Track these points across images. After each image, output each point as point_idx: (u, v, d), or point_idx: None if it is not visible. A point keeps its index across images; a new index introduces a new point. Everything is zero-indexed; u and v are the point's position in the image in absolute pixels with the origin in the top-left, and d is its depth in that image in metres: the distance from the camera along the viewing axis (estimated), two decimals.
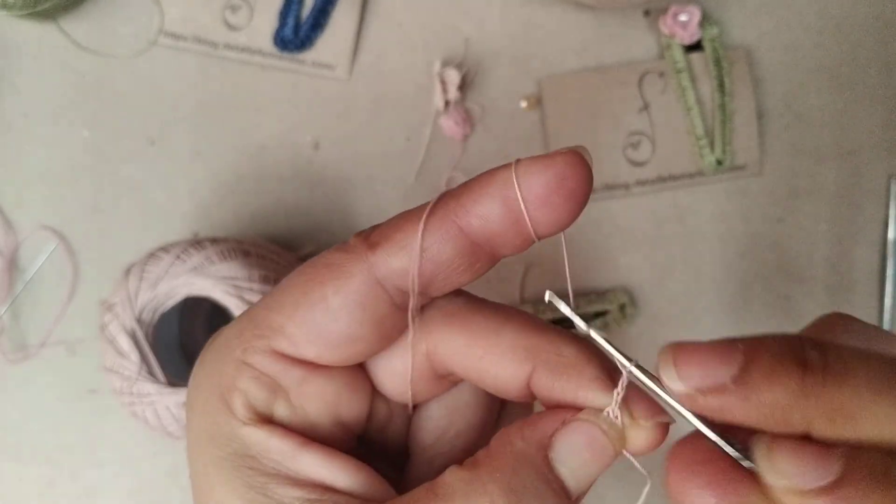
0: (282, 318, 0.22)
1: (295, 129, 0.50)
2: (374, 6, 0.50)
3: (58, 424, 0.50)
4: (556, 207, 0.20)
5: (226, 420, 0.22)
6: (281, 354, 0.22)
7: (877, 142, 0.51)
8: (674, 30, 0.49)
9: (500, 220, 0.21)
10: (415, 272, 0.21)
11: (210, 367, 0.23)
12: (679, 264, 0.51)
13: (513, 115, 0.50)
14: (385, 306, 0.22)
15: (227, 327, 0.23)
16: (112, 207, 0.50)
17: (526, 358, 0.22)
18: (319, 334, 0.22)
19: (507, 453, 0.21)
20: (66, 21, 0.49)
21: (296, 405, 0.22)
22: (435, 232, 0.21)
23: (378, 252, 0.21)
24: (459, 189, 0.21)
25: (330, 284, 0.21)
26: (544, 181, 0.20)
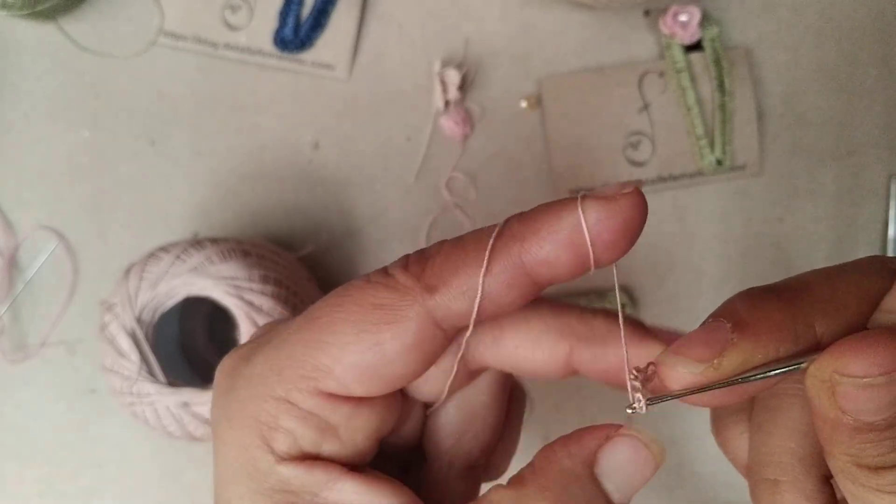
0: (328, 360, 0.21)
1: (295, 129, 0.50)
2: (374, 6, 0.50)
3: (58, 424, 0.50)
4: (621, 247, 0.21)
5: (263, 456, 0.21)
6: (328, 394, 0.22)
7: (877, 142, 0.51)
8: (674, 30, 0.49)
9: (566, 264, 0.21)
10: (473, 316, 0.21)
11: (244, 402, 0.22)
12: (679, 264, 0.51)
13: (513, 115, 0.50)
14: (439, 343, 0.22)
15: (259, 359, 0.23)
16: (112, 207, 0.50)
17: (560, 338, 0.23)
18: (372, 376, 0.21)
19: (554, 471, 0.21)
20: (66, 21, 0.49)
21: (345, 440, 0.22)
22: (498, 276, 0.21)
23: (437, 297, 0.21)
24: (521, 227, 0.21)
25: (385, 330, 0.21)
26: (612, 227, 0.20)
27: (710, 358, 0.20)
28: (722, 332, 0.20)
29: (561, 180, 0.50)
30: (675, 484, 0.51)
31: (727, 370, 0.20)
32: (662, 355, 0.20)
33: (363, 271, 0.50)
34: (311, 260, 0.50)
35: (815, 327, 0.20)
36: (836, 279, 0.21)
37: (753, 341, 0.19)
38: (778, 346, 0.20)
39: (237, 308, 0.40)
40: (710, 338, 0.20)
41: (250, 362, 0.23)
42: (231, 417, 0.22)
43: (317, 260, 0.50)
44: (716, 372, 0.20)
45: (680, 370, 0.20)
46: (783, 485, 0.22)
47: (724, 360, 0.19)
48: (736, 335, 0.19)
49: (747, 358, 0.19)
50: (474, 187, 0.50)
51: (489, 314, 0.21)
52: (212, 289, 0.40)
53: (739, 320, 0.20)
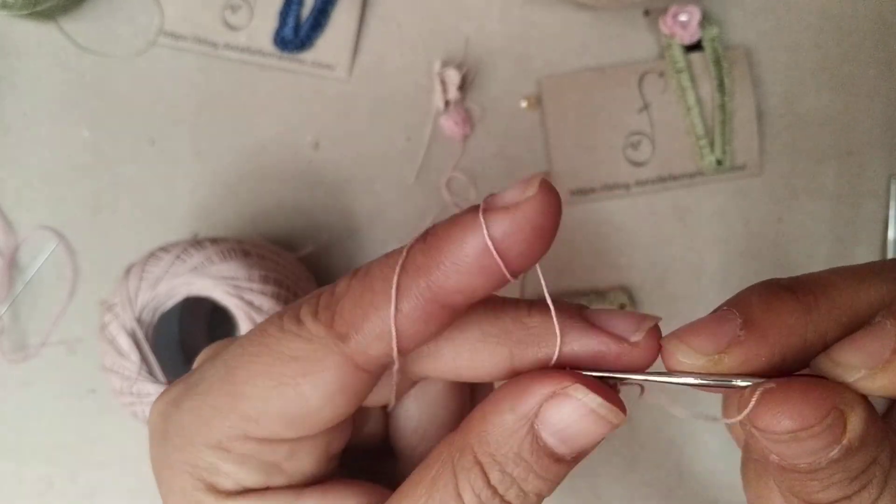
0: (252, 412, 0.21)
1: (295, 129, 0.50)
2: (374, 6, 0.50)
3: (58, 424, 0.50)
4: (534, 252, 0.19)
5: (209, 499, 0.21)
6: (262, 439, 0.21)
7: (877, 142, 0.51)
8: (674, 30, 0.49)
9: (479, 285, 0.19)
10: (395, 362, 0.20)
11: (180, 450, 0.22)
12: (679, 264, 0.51)
13: (513, 115, 0.50)
14: (363, 383, 0.21)
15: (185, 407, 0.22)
16: (112, 207, 0.50)
17: (497, 344, 0.22)
18: (300, 424, 0.21)
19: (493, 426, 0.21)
20: (66, 21, 0.49)
21: (291, 471, 0.22)
22: (412, 314, 0.20)
23: (351, 343, 0.20)
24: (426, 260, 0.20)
25: (305, 381, 0.20)
26: (521, 239, 0.19)
27: (713, 351, 0.19)
28: (731, 325, 0.19)
29: (561, 180, 0.50)
30: (675, 484, 0.51)
31: (726, 367, 0.19)
32: (667, 339, 0.20)
33: None
34: (311, 260, 0.49)
35: (827, 336, 0.19)
36: (862, 284, 0.20)
37: (760, 342, 0.19)
38: (784, 353, 0.19)
39: (237, 308, 0.40)
40: (718, 330, 0.19)
41: (179, 408, 0.22)
42: (171, 465, 0.22)
43: (317, 260, 0.50)
44: (715, 367, 0.19)
45: (680, 359, 0.20)
46: None
47: (727, 356, 0.19)
48: (744, 332, 0.19)
49: (749, 359, 0.19)
50: (474, 187, 0.50)
51: (412, 348, 0.21)
52: (212, 289, 0.40)
53: (751, 317, 0.19)
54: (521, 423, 0.20)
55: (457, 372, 0.23)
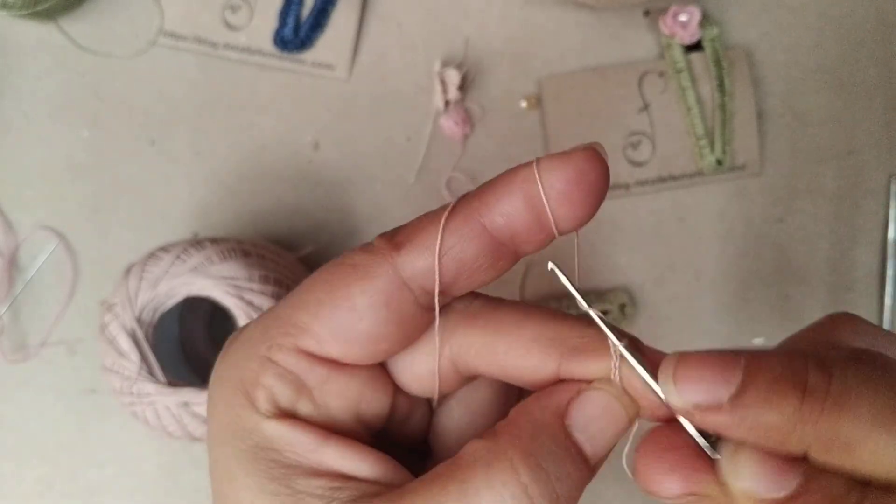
0: (307, 317, 0.22)
1: (295, 129, 0.50)
2: (374, 6, 0.50)
3: (58, 424, 0.50)
4: (577, 202, 0.21)
5: (248, 414, 0.22)
6: (306, 353, 0.22)
7: (877, 142, 0.51)
8: (674, 30, 0.49)
9: (523, 216, 0.21)
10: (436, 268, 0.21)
11: (233, 362, 0.23)
12: (679, 264, 0.51)
13: (513, 115, 0.50)
14: (409, 306, 0.22)
15: (252, 324, 0.24)
16: (112, 207, 0.50)
17: (551, 347, 0.22)
18: (345, 333, 0.22)
19: (524, 422, 0.21)
20: (66, 21, 0.49)
21: (319, 402, 0.22)
22: (459, 231, 0.21)
23: (402, 253, 0.21)
24: (481, 188, 0.22)
25: (355, 285, 0.22)
26: (565, 177, 0.20)
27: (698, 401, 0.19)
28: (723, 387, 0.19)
29: None
30: None
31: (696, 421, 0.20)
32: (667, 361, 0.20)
33: None
34: (311, 260, 0.49)
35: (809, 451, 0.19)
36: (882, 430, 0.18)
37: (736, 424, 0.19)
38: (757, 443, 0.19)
39: (237, 308, 0.40)
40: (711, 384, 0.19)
41: (246, 328, 0.24)
42: (221, 378, 0.23)
43: (317, 260, 0.50)
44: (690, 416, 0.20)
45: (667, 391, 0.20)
46: None
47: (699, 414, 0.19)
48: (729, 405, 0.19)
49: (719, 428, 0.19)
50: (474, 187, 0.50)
51: (455, 273, 0.21)
52: (212, 289, 0.40)
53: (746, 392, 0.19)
54: (553, 419, 0.21)
55: (505, 370, 0.23)
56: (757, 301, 0.52)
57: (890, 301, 0.52)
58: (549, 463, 0.20)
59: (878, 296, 0.52)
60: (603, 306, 0.50)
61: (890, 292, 0.52)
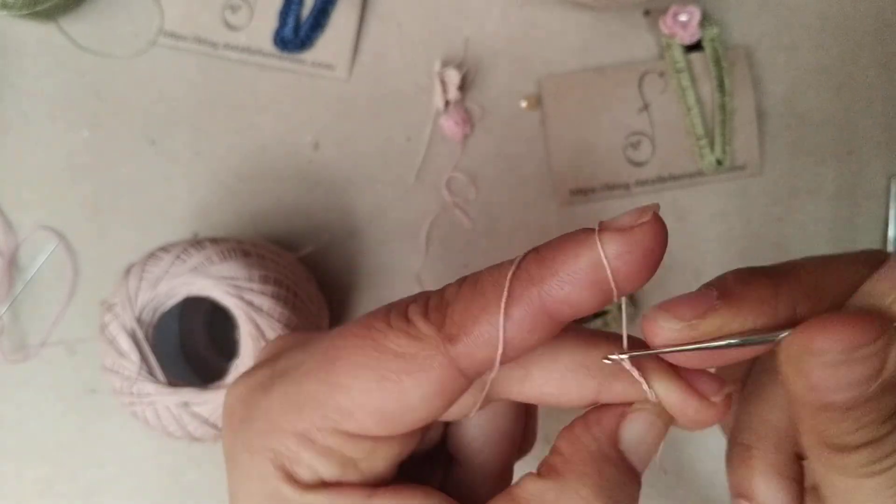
0: (349, 404, 0.21)
1: (295, 129, 0.50)
2: (374, 6, 0.50)
3: (58, 424, 0.50)
4: (643, 277, 0.21)
5: (286, 488, 0.22)
6: (350, 434, 0.22)
7: (877, 142, 0.51)
8: (674, 30, 0.49)
9: (588, 301, 0.20)
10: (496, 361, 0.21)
11: (264, 434, 0.22)
12: (679, 264, 0.51)
13: (513, 115, 0.50)
14: (462, 388, 0.21)
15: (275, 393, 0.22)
16: (112, 207, 0.50)
17: (587, 376, 0.23)
18: (393, 421, 0.21)
19: (584, 457, 0.22)
20: (66, 21, 0.49)
21: (365, 470, 0.22)
22: (520, 322, 0.20)
23: (459, 346, 0.20)
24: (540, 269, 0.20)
25: (407, 378, 0.21)
26: (632, 260, 0.20)
27: (691, 318, 0.21)
28: (708, 297, 0.21)
29: (561, 180, 0.50)
30: (675, 484, 0.51)
31: (704, 332, 0.21)
32: (650, 310, 0.21)
33: (363, 271, 0.50)
34: (311, 260, 0.49)
35: (796, 308, 0.21)
36: (828, 267, 0.22)
37: (734, 309, 0.21)
38: (756, 318, 0.21)
39: (237, 308, 0.40)
40: (696, 301, 0.21)
41: (268, 394, 0.23)
42: (252, 449, 0.22)
43: (317, 260, 0.50)
44: (693, 332, 0.21)
45: (661, 325, 0.21)
46: (754, 451, 0.24)
47: (703, 322, 0.21)
48: (720, 302, 0.21)
49: (725, 323, 0.21)
50: (474, 187, 0.50)
51: (513, 357, 0.21)
52: (212, 289, 0.40)
53: (725, 290, 0.21)
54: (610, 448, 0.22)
55: (542, 397, 0.23)
56: None
57: None
58: (618, 492, 0.21)
59: None
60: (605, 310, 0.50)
61: None
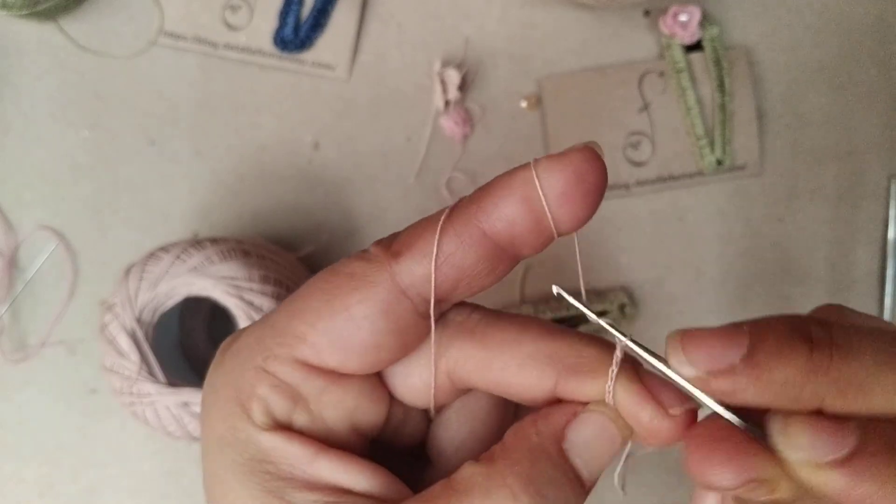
0: (304, 327, 0.22)
1: (295, 129, 0.50)
2: (374, 6, 0.50)
3: (58, 424, 0.50)
4: (577, 203, 0.21)
5: (243, 426, 0.22)
6: (303, 363, 0.22)
7: (877, 142, 0.51)
8: (674, 30, 0.49)
9: (522, 220, 0.21)
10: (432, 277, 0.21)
11: (228, 372, 0.23)
12: (679, 264, 0.51)
13: (513, 115, 0.50)
14: (408, 314, 0.22)
15: (246, 332, 0.23)
16: (112, 207, 0.50)
17: (548, 365, 0.22)
18: (342, 343, 0.22)
19: (523, 447, 0.21)
20: (66, 21, 0.49)
21: (315, 413, 0.22)
22: (457, 237, 0.21)
23: (401, 261, 0.21)
24: (478, 192, 0.21)
25: (353, 294, 0.21)
26: (564, 178, 0.20)
27: (706, 370, 0.19)
28: (735, 350, 0.19)
29: None
30: (676, 483, 0.51)
31: (711, 390, 0.19)
32: (672, 335, 0.20)
33: None
34: (311, 260, 0.50)
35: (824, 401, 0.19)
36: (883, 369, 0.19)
37: (753, 383, 0.19)
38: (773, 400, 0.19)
39: (237, 308, 0.40)
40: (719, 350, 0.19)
41: (241, 336, 0.23)
42: (216, 388, 0.23)
43: (317, 260, 0.50)
44: (701, 385, 0.20)
45: (674, 364, 0.20)
46: None
47: (714, 381, 0.19)
48: (741, 365, 0.19)
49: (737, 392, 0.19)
50: (474, 187, 0.50)
51: (454, 280, 0.21)
52: (212, 289, 0.40)
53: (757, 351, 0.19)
54: (551, 443, 0.21)
55: (501, 386, 0.23)
56: (757, 301, 0.52)
57: (890, 301, 0.52)
58: (549, 489, 0.20)
59: (878, 296, 0.52)
60: (603, 306, 0.50)
61: (890, 292, 0.52)
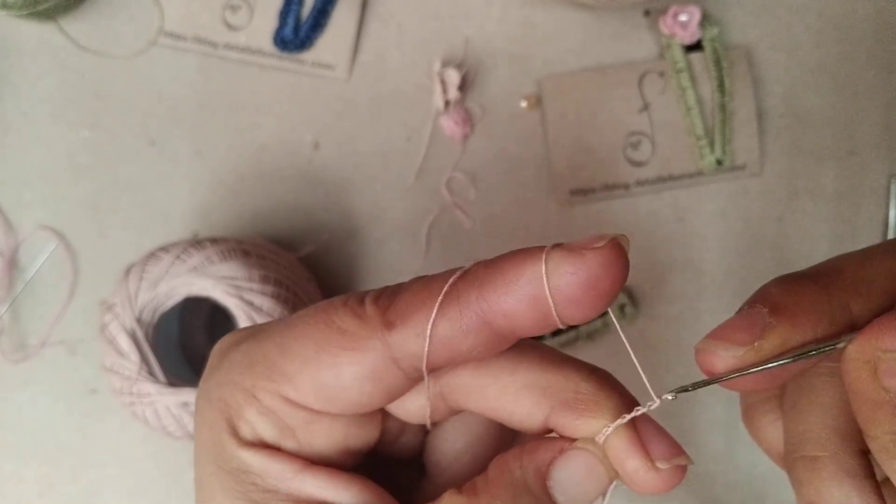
0: (292, 369, 0.22)
1: (295, 129, 0.50)
2: (374, 6, 0.50)
3: (58, 424, 0.50)
4: (586, 308, 0.19)
5: (228, 439, 0.22)
6: (287, 399, 0.22)
7: (877, 142, 0.51)
8: (674, 30, 0.49)
9: (525, 316, 0.20)
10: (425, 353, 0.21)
11: (221, 384, 0.23)
12: (679, 264, 0.51)
13: (513, 115, 0.50)
14: (397, 380, 0.21)
15: (241, 344, 0.23)
16: (112, 207, 0.50)
17: (542, 396, 0.22)
18: (327, 394, 0.21)
19: (505, 481, 0.21)
20: (66, 21, 0.49)
21: (302, 441, 0.22)
22: (456, 322, 0.20)
23: (394, 333, 0.21)
24: (484, 274, 0.20)
25: (343, 354, 0.21)
26: (576, 283, 0.19)
27: (751, 341, 0.20)
28: (759, 316, 0.20)
29: (561, 180, 0.50)
30: None
31: (767, 352, 0.20)
32: (703, 342, 0.21)
33: (363, 271, 0.50)
34: (311, 260, 0.50)
35: (850, 308, 0.20)
36: (868, 261, 0.21)
37: (791, 323, 0.20)
38: (815, 327, 0.20)
39: (237, 308, 0.40)
40: (749, 322, 0.20)
41: (237, 349, 0.23)
42: (209, 397, 0.23)
43: (317, 260, 0.50)
44: (756, 354, 0.20)
45: (721, 354, 0.20)
46: (822, 461, 0.22)
47: (765, 342, 0.20)
48: (774, 319, 0.20)
49: (786, 339, 0.20)
50: (474, 187, 0.50)
51: (447, 360, 0.21)
52: (212, 289, 0.40)
53: (775, 304, 0.20)
54: (535, 479, 0.21)
55: (496, 412, 0.23)
56: None
57: None
58: None
59: None
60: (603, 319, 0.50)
61: None
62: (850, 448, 0.22)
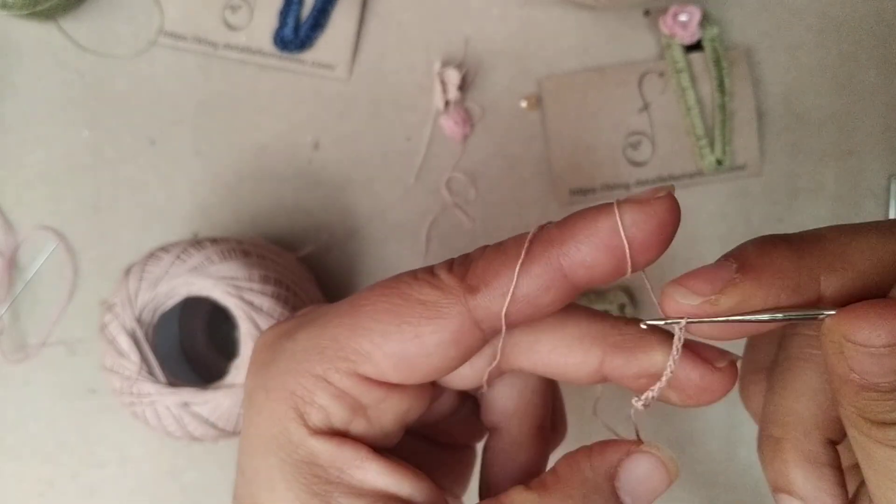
0: (369, 346, 0.22)
1: (295, 129, 0.50)
2: (374, 6, 0.50)
3: (58, 424, 0.50)
4: (656, 250, 0.21)
5: (296, 428, 0.22)
6: (363, 377, 0.23)
7: (877, 142, 0.51)
8: (674, 30, 0.49)
9: (604, 265, 0.21)
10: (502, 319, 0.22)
11: (283, 373, 0.23)
12: (679, 264, 0.51)
13: (513, 115, 0.50)
14: (476, 342, 0.22)
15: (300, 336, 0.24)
16: (112, 207, 0.50)
17: (594, 344, 0.24)
18: (409, 366, 0.22)
19: (576, 480, 0.22)
20: (66, 21, 0.49)
21: (373, 420, 0.23)
22: (537, 278, 0.21)
23: (478, 297, 0.22)
24: (560, 232, 0.22)
25: (426, 323, 0.22)
26: (648, 229, 0.21)
27: (710, 293, 0.21)
28: (727, 270, 0.21)
29: (561, 180, 0.50)
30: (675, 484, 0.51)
31: (724, 307, 0.21)
32: (668, 284, 0.22)
33: (363, 271, 0.50)
34: (311, 260, 0.50)
35: (819, 281, 0.21)
36: (852, 237, 0.21)
37: (754, 283, 0.20)
38: (779, 293, 0.21)
39: (237, 308, 0.40)
40: (714, 275, 0.21)
41: (293, 338, 0.24)
42: (269, 388, 0.23)
43: (317, 260, 0.50)
44: (712, 307, 0.21)
45: (677, 299, 0.21)
46: (784, 443, 0.23)
47: (723, 297, 0.21)
48: (739, 275, 0.21)
49: (745, 299, 0.20)
50: (474, 187, 0.50)
51: (527, 316, 0.22)
52: (212, 289, 0.40)
53: (746, 262, 0.21)
54: (604, 480, 0.22)
55: (549, 367, 0.24)
56: None
57: None
58: None
59: None
60: (603, 306, 0.50)
61: None
62: (814, 435, 0.23)
